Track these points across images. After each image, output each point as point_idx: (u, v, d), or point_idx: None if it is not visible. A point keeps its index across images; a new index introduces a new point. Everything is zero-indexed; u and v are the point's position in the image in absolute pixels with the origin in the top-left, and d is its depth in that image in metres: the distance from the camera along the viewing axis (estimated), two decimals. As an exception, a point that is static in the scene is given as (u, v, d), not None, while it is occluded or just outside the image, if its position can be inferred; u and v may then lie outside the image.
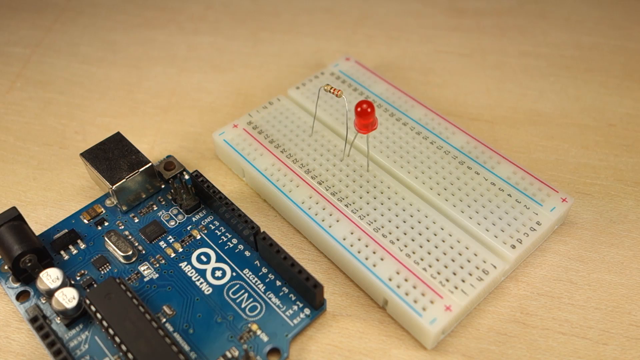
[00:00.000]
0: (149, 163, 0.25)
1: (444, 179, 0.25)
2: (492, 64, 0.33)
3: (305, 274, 0.22)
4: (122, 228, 0.25)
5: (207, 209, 0.26)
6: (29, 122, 0.31)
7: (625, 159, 0.28)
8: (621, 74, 0.32)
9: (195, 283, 0.23)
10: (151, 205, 0.26)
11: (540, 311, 0.23)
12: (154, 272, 0.24)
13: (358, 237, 0.23)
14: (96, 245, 0.25)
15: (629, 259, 0.24)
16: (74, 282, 0.23)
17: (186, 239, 0.25)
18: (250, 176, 0.27)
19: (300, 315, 0.22)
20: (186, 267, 0.24)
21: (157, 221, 0.25)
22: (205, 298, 0.23)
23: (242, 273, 0.24)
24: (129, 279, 0.23)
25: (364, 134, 0.25)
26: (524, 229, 0.24)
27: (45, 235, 0.25)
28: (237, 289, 0.23)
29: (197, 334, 0.22)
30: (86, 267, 0.24)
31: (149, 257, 0.24)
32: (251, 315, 0.22)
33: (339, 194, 0.25)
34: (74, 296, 0.22)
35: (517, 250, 0.23)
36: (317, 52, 0.34)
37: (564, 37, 0.34)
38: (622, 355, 0.21)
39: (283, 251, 0.23)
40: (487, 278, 0.22)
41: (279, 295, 0.23)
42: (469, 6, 0.37)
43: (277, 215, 0.26)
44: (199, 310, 0.23)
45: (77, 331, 0.22)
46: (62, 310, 0.22)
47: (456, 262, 0.23)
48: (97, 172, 0.25)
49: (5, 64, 0.34)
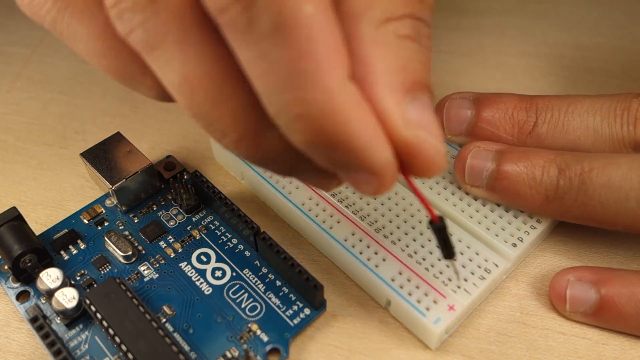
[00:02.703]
0: (149, 163, 0.25)
1: (444, 178, 0.25)
2: (492, 64, 0.33)
3: (305, 274, 0.22)
4: (122, 228, 0.25)
5: (207, 209, 0.26)
6: (29, 122, 0.31)
7: (625, 159, 0.28)
8: (621, 74, 0.32)
9: (195, 283, 0.23)
10: (151, 205, 0.26)
11: (540, 311, 0.23)
12: (154, 272, 0.24)
13: (359, 238, 0.23)
14: (96, 245, 0.25)
15: (628, 259, 0.24)
16: (74, 282, 0.23)
17: (186, 239, 0.25)
18: (250, 179, 0.27)
19: (300, 315, 0.22)
20: (186, 267, 0.24)
21: (157, 221, 0.25)
22: (205, 298, 0.23)
23: (242, 273, 0.24)
24: (129, 279, 0.23)
25: None
26: (525, 227, 0.24)
27: (45, 235, 0.25)
28: (237, 289, 0.23)
29: (197, 334, 0.22)
30: (86, 267, 0.24)
31: (149, 257, 0.24)
32: (251, 315, 0.22)
33: (339, 194, 0.25)
34: (74, 296, 0.22)
35: (518, 249, 0.23)
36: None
37: (564, 37, 0.34)
38: (622, 355, 0.21)
39: (283, 251, 0.23)
40: (489, 277, 0.22)
41: (279, 296, 0.23)
42: (469, 6, 0.37)
43: (276, 215, 0.26)
44: (199, 310, 0.23)
45: (77, 331, 0.22)
46: (62, 310, 0.22)
47: (458, 261, 0.23)
48: (97, 172, 0.25)
49: (5, 64, 0.34)
